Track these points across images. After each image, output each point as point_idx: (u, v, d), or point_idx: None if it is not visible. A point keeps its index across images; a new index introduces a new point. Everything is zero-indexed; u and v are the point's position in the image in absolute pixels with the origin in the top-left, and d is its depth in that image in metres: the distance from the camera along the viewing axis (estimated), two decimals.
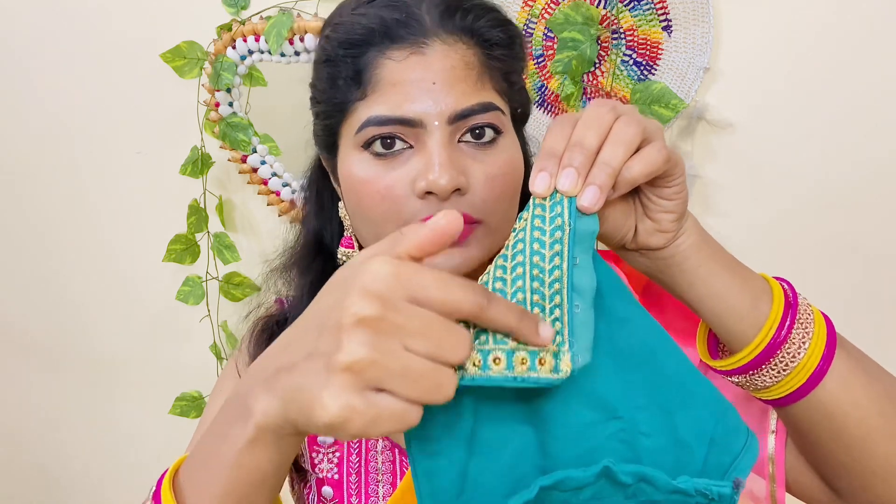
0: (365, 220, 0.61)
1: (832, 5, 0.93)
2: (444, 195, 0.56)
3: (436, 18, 0.59)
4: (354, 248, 0.68)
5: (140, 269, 1.29)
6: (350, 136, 0.60)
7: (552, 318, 0.39)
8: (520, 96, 0.66)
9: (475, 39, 0.60)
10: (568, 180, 0.42)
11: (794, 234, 1.01)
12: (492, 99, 0.59)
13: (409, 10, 0.59)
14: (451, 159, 0.56)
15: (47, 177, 1.29)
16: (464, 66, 0.58)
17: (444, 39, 0.58)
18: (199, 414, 1.26)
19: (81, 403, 1.43)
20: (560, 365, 0.38)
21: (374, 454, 0.70)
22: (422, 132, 0.57)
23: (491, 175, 0.59)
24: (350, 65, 0.59)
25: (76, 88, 1.22)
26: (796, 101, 0.97)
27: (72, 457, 1.49)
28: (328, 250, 0.71)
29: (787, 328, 0.50)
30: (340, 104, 0.61)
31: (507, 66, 0.62)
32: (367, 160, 0.59)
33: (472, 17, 0.60)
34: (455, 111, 0.57)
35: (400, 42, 0.58)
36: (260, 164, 1.11)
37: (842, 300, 1.02)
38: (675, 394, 0.44)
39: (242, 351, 0.72)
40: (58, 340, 1.40)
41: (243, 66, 1.06)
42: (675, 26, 0.97)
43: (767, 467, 0.60)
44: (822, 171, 0.98)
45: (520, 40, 0.65)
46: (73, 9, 1.18)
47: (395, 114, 0.57)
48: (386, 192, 0.58)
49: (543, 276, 0.40)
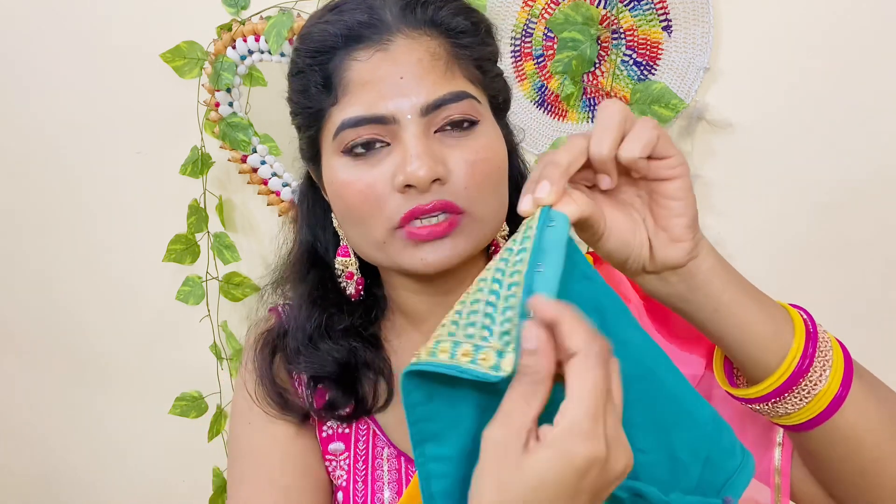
0: (353, 223, 0.62)
1: (832, 5, 0.93)
2: (424, 186, 0.56)
3: (397, 14, 0.59)
4: (350, 257, 0.68)
5: (140, 269, 1.29)
6: (329, 142, 0.61)
7: (503, 318, 0.39)
8: (496, 83, 0.65)
9: (439, 30, 0.60)
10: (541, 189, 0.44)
11: (794, 233, 1.01)
12: (463, 87, 0.59)
13: (371, 11, 0.59)
14: (427, 150, 0.57)
15: (47, 177, 1.29)
16: (430, 57, 0.58)
17: (407, 34, 0.59)
18: (199, 414, 1.26)
19: (82, 403, 1.43)
20: (501, 364, 0.37)
21: (381, 462, 0.70)
22: (396, 128, 0.57)
23: (470, 161, 0.59)
24: (318, 72, 0.60)
25: (76, 88, 1.22)
26: (796, 101, 0.97)
27: (72, 457, 1.49)
28: (322, 261, 0.71)
29: (810, 358, 0.50)
30: (316, 112, 0.61)
31: (476, 52, 0.62)
32: (348, 163, 0.60)
33: (432, 8, 0.60)
34: (426, 102, 0.57)
35: (364, 42, 0.58)
36: (260, 164, 1.11)
37: (841, 300, 1.02)
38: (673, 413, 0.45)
39: (247, 370, 0.71)
40: (57, 340, 1.40)
41: (243, 66, 1.06)
42: (675, 26, 0.97)
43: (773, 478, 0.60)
44: (822, 170, 0.98)
45: (486, 26, 0.64)
46: (74, 9, 1.18)
47: (367, 113, 0.57)
48: (367, 191, 0.58)
49: (503, 278, 0.41)
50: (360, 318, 0.69)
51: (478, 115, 0.60)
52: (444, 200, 0.57)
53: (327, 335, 0.67)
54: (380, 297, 0.72)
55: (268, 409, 0.67)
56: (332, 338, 0.67)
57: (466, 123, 0.59)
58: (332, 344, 0.67)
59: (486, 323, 0.39)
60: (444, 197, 0.57)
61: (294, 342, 0.68)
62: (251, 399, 0.68)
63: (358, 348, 0.67)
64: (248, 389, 0.69)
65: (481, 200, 0.60)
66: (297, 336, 0.68)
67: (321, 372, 0.67)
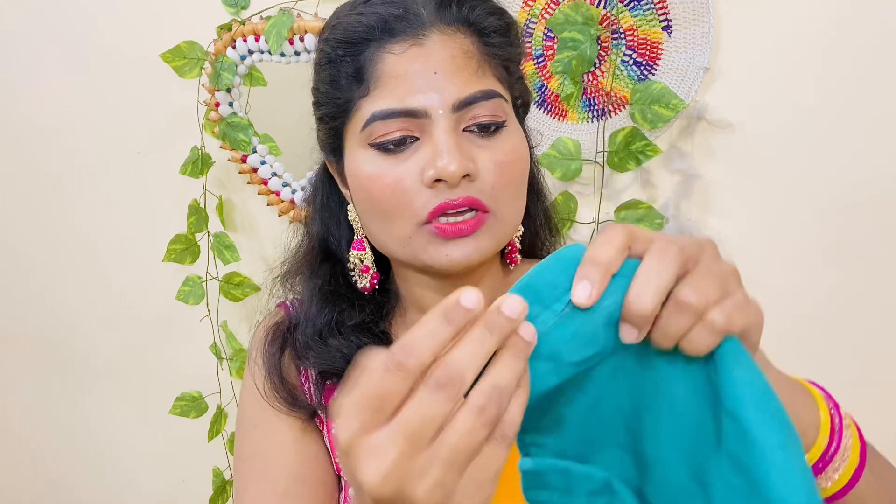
0: (376, 218, 0.61)
1: (832, 6, 0.93)
2: (454, 181, 0.56)
3: (432, 11, 0.60)
4: (366, 251, 0.68)
5: (140, 269, 1.29)
6: (356, 134, 0.61)
7: None
8: (519, 86, 0.66)
9: (472, 28, 0.61)
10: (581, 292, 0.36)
11: (794, 233, 1.01)
12: (493, 86, 0.60)
13: (405, 5, 0.59)
14: (458, 146, 0.57)
15: (47, 176, 1.29)
16: (463, 54, 0.59)
17: (441, 30, 0.59)
18: (198, 414, 1.26)
19: (82, 403, 1.44)
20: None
21: None
22: (427, 122, 0.58)
23: (498, 162, 0.59)
24: (350, 63, 0.60)
25: (76, 88, 1.22)
26: (796, 101, 0.97)
27: (72, 456, 1.49)
28: (335, 255, 0.71)
29: (835, 448, 0.49)
30: (344, 103, 0.61)
31: (505, 52, 0.63)
32: (375, 156, 0.59)
33: (467, 7, 0.61)
34: (458, 99, 0.57)
35: (399, 36, 0.58)
36: (260, 164, 1.11)
37: (841, 300, 1.02)
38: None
39: (256, 365, 0.70)
40: (56, 340, 1.40)
41: (243, 66, 1.06)
42: (675, 26, 0.97)
43: None
44: (822, 170, 0.98)
45: (515, 28, 0.65)
46: (74, 9, 1.18)
47: (399, 106, 0.57)
48: (395, 186, 0.58)
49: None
50: (371, 314, 0.68)
51: (504, 116, 0.60)
52: (473, 197, 0.57)
53: (337, 331, 0.67)
54: (391, 294, 0.71)
55: (276, 404, 0.67)
56: (342, 333, 0.67)
57: (493, 127, 0.59)
58: (341, 340, 0.67)
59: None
60: (473, 194, 0.58)
61: (303, 336, 0.68)
62: (260, 394, 0.67)
63: (368, 345, 0.66)
64: (256, 385, 0.68)
65: (506, 201, 0.60)
66: (306, 331, 0.68)
67: (330, 368, 0.66)
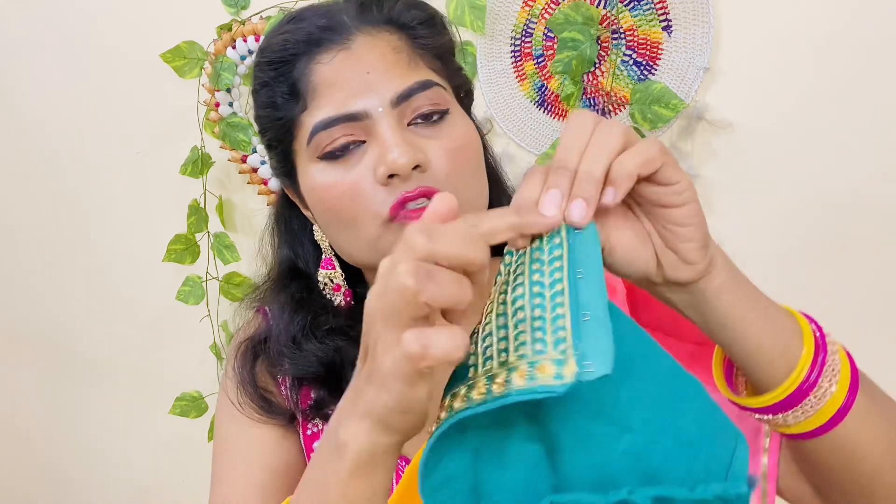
0: (340, 227, 0.61)
1: (832, 6, 0.93)
2: (406, 173, 0.56)
3: (354, 16, 0.60)
4: (336, 269, 0.68)
5: (140, 269, 1.29)
6: (303, 150, 0.61)
7: (555, 327, 0.37)
8: (458, 76, 0.66)
9: (396, 25, 0.61)
10: (552, 201, 0.42)
11: (794, 233, 1.01)
12: (428, 76, 0.60)
13: (328, 15, 0.60)
14: (404, 139, 0.57)
15: (47, 177, 1.29)
16: (392, 51, 0.59)
17: (367, 32, 0.60)
18: (199, 414, 1.26)
19: (82, 403, 1.44)
20: (563, 371, 0.36)
21: None
22: (370, 123, 0.58)
23: (448, 149, 0.59)
24: (284, 82, 0.60)
25: (76, 88, 1.22)
26: (796, 101, 0.97)
27: (72, 456, 1.49)
28: (304, 273, 0.71)
29: (817, 373, 0.49)
30: (286, 123, 0.61)
31: (434, 42, 0.63)
32: (326, 167, 0.60)
33: (387, 6, 0.62)
34: (396, 93, 0.58)
35: (325, 45, 0.59)
36: (260, 164, 1.11)
37: (841, 299, 1.02)
38: (673, 396, 0.44)
39: (228, 377, 0.70)
40: (56, 341, 1.40)
41: (243, 66, 1.06)
42: (675, 26, 0.97)
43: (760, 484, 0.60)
44: (822, 170, 0.98)
45: (439, 17, 0.66)
46: (74, 9, 1.18)
47: (339, 112, 0.58)
48: (352, 190, 0.58)
49: (544, 291, 0.39)
50: (345, 318, 0.68)
51: (446, 104, 0.60)
52: (428, 186, 0.57)
53: (312, 335, 0.67)
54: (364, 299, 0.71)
55: (252, 413, 0.67)
56: (316, 337, 0.67)
57: (436, 116, 0.60)
58: (316, 344, 0.66)
59: (539, 336, 0.38)
60: (426, 184, 0.57)
61: (277, 345, 0.67)
62: (234, 406, 0.67)
63: (343, 347, 0.66)
64: (229, 397, 0.68)
65: (464, 185, 0.60)
66: (280, 339, 0.67)
67: (305, 373, 0.66)
